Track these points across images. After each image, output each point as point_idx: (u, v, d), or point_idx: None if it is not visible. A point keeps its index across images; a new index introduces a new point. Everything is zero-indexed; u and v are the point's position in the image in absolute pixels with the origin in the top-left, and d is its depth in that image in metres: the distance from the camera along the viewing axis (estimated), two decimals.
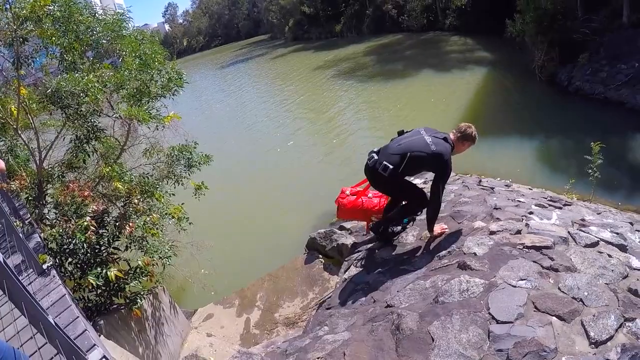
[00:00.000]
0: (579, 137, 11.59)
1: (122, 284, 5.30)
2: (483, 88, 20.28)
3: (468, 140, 4.69)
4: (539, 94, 18.35)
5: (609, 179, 9.51)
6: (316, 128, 19.30)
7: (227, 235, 10.42)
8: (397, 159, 4.46)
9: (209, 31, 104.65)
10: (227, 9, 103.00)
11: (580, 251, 3.80)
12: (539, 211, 5.04)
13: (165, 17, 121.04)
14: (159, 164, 7.82)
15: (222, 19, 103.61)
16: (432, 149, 4.39)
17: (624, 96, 15.79)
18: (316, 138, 17.78)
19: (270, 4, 73.51)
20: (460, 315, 3.25)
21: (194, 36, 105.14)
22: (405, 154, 4.43)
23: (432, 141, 4.46)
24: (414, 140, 4.56)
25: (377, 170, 4.50)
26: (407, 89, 23.04)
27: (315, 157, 15.44)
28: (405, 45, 38.76)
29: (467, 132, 4.66)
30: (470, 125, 4.73)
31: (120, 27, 7.20)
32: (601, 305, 3.10)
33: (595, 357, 2.71)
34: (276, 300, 6.92)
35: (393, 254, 5.00)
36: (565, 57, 19.24)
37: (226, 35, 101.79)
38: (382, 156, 4.58)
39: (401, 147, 4.54)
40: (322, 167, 14.39)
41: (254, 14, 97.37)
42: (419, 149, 4.45)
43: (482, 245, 4.15)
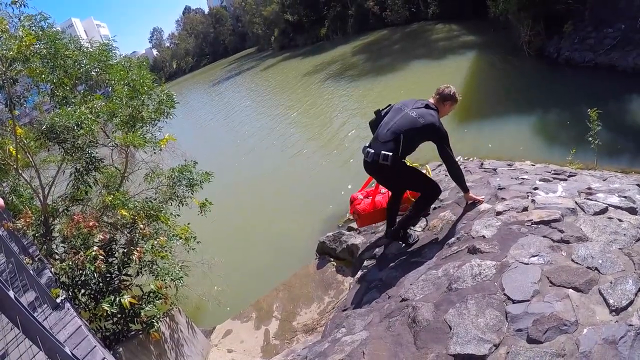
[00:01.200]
0: (575, 106, 11.54)
1: (137, 310, 5.29)
2: (474, 71, 20.25)
3: (447, 100, 4.71)
4: (529, 69, 18.32)
5: (610, 145, 9.49)
6: (313, 133, 19.26)
7: (236, 250, 10.41)
8: (392, 144, 4.40)
9: (196, 51, 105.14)
10: (212, 27, 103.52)
11: (590, 220, 3.76)
12: (543, 186, 5.01)
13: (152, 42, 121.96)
14: (160, 187, 7.90)
15: (208, 38, 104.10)
16: (421, 122, 4.39)
17: (614, 60, 15.72)
18: (314, 143, 17.75)
19: (254, 16, 73.80)
20: (475, 300, 3.24)
21: (183, 57, 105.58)
22: (399, 136, 4.39)
23: (418, 114, 4.46)
24: (400, 119, 4.52)
25: (379, 162, 4.41)
26: (399, 82, 23.02)
27: (315, 162, 15.42)
28: (392, 40, 38.79)
29: (444, 92, 4.70)
30: (448, 85, 4.77)
31: (107, 57, 7.26)
32: (617, 271, 3.06)
33: (618, 324, 2.67)
34: (293, 308, 6.91)
35: (403, 248, 4.99)
36: (551, 29, 19.21)
37: (214, 53, 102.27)
38: (376, 147, 4.51)
39: (391, 130, 4.49)
40: (323, 170, 14.36)
41: (239, 28, 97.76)
42: (409, 126, 4.42)
43: (489, 227, 4.13)
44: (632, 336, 2.56)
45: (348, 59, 36.10)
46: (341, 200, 11.15)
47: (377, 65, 28.82)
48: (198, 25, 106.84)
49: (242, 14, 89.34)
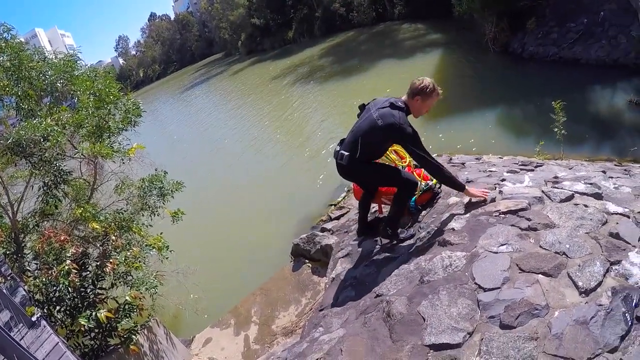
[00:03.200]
0: (541, 99, 11.80)
1: (114, 324, 5.25)
2: (441, 69, 20.53)
3: (417, 94, 4.25)
4: (495, 65, 18.66)
5: (576, 134, 9.75)
6: (283, 136, 19.30)
7: (211, 257, 10.35)
8: (352, 146, 4.33)
9: (163, 58, 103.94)
10: (178, 33, 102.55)
11: (557, 207, 3.87)
12: (511, 177, 5.12)
13: (118, 50, 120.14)
14: (131, 198, 7.81)
15: (174, 44, 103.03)
16: (379, 124, 4.13)
17: (577, 53, 16.19)
18: (285, 146, 17.79)
19: (220, 21, 73.41)
20: (447, 291, 3.31)
21: (149, 65, 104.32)
22: (357, 140, 4.29)
23: (379, 114, 4.19)
24: (363, 121, 4.39)
25: (338, 161, 4.45)
26: (367, 83, 23.22)
27: (286, 165, 15.46)
28: (359, 40, 39.08)
29: (413, 85, 4.28)
30: (421, 78, 4.30)
31: (72, 67, 7.17)
32: (585, 254, 3.16)
33: (587, 305, 2.77)
34: (271, 312, 6.92)
35: (376, 246, 5.06)
36: (516, 25, 19.61)
37: (181, 60, 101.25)
38: (342, 146, 4.49)
39: (353, 132, 4.45)
40: (294, 173, 14.40)
41: (206, 33, 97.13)
42: (366, 128, 4.27)
43: (459, 219, 4.22)
44: (602, 316, 2.65)
45: (316, 61, 36.24)
46: (313, 201, 11.21)
47: (345, 67, 29.02)
48: (164, 32, 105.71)
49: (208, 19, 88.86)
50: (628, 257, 3.05)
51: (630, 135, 10.30)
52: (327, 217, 9.28)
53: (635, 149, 9.09)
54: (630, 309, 2.64)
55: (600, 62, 15.17)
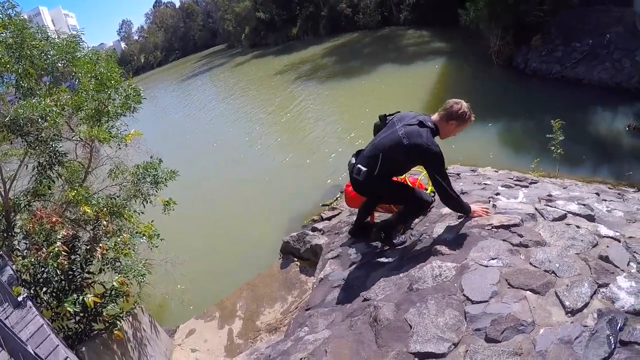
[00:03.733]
0: (541, 116, 11.88)
1: (99, 309, 5.23)
2: (442, 77, 20.62)
3: (453, 119, 4.01)
4: (497, 78, 18.73)
5: (573, 154, 9.84)
6: (280, 134, 19.33)
7: (200, 249, 10.37)
8: (371, 161, 4.09)
9: (165, 45, 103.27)
10: (182, 21, 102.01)
11: (549, 225, 3.89)
12: (505, 191, 5.14)
13: (121, 34, 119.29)
14: (125, 183, 7.78)
15: (177, 32, 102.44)
16: (404, 143, 3.88)
17: (580, 73, 16.30)
18: (281, 143, 17.80)
19: (226, 12, 73.14)
20: (435, 300, 3.33)
21: (151, 52, 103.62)
22: (378, 155, 4.03)
23: (405, 132, 3.91)
24: (387, 135, 4.09)
25: (353, 175, 4.25)
26: (368, 86, 23.28)
27: (281, 162, 15.49)
28: (363, 43, 39.21)
29: (451, 109, 4.00)
30: (458, 102, 4.03)
31: (74, 48, 7.12)
32: (574, 274, 3.18)
33: (573, 325, 2.78)
34: (256, 308, 6.93)
35: (366, 249, 5.06)
36: (521, 40, 19.70)
37: (183, 48, 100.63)
38: (358, 160, 4.25)
39: (374, 146, 4.15)
40: (290, 171, 14.44)
41: (210, 24, 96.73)
42: (390, 145, 3.99)
43: (451, 230, 4.22)
44: (587, 336, 2.67)
45: (319, 60, 36.28)
46: (305, 200, 11.24)
47: (348, 67, 29.08)
48: (168, 19, 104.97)
49: (213, 10, 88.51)
50: (616, 280, 3.07)
51: (626, 159, 10.39)
52: (319, 217, 9.30)
53: (631, 173, 9.16)
54: (614, 332, 2.66)
55: (602, 84, 15.24)
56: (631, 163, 10.08)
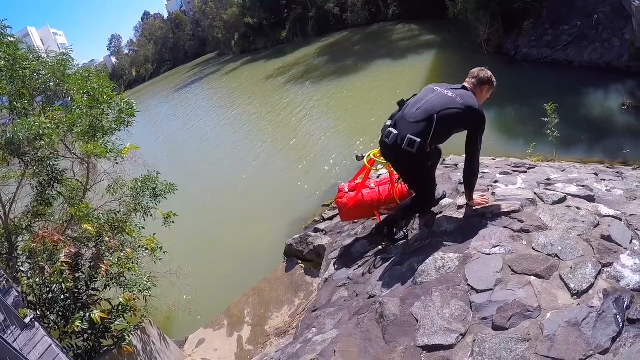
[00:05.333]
0: (534, 101, 11.83)
1: (107, 324, 5.23)
2: (435, 69, 20.65)
3: (485, 83, 4.09)
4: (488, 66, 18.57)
5: (569, 136, 9.85)
6: (277, 137, 19.25)
7: (204, 258, 10.36)
8: (422, 126, 3.75)
9: (156, 57, 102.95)
10: (172, 32, 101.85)
11: (549, 209, 3.91)
12: (503, 178, 5.16)
13: (111, 49, 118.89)
14: (124, 198, 7.77)
15: (167, 44, 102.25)
16: (459, 102, 3.77)
17: (571, 55, 16.36)
18: (278, 147, 17.74)
19: (214, 20, 73.15)
20: (440, 292, 3.34)
21: (142, 65, 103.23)
22: (432, 117, 3.73)
23: (456, 94, 3.84)
24: (434, 98, 3.86)
25: (402, 147, 3.77)
26: (362, 83, 23.31)
27: (279, 166, 15.48)
28: (353, 41, 39.21)
29: (482, 76, 4.08)
30: (482, 69, 4.17)
31: (64, 66, 7.12)
32: (577, 256, 3.20)
33: (579, 307, 2.80)
34: (264, 312, 6.93)
35: (369, 247, 5.07)
36: (509, 27, 19.77)
37: (174, 59, 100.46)
38: (402, 129, 3.84)
39: (422, 110, 3.82)
40: (287, 174, 14.41)
41: (199, 33, 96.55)
42: (445, 106, 3.77)
43: (451, 221, 4.24)
44: (594, 317, 2.69)
45: (310, 61, 36.31)
46: (306, 202, 11.25)
47: (340, 67, 29.12)
48: (157, 31, 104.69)
49: (202, 18, 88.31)
50: (620, 259, 3.09)
51: (622, 137, 10.39)
52: (321, 217, 9.32)
53: (628, 151, 9.16)
54: (621, 311, 2.68)
55: (593, 64, 15.28)
56: (627, 141, 10.08)
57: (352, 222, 6.27)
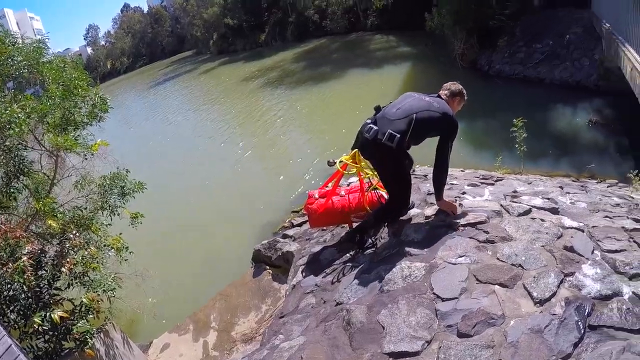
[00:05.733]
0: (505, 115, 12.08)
1: (69, 326, 5.09)
2: (409, 80, 20.98)
3: (457, 95, 4.42)
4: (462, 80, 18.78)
5: (536, 150, 10.17)
6: (249, 141, 19.19)
7: (171, 260, 10.22)
8: (402, 124, 3.94)
9: (132, 51, 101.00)
10: (150, 27, 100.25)
11: (514, 220, 4.04)
12: (471, 190, 5.29)
13: (87, 39, 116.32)
14: (91, 195, 7.60)
15: (145, 38, 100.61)
16: (435, 106, 4.04)
17: (542, 73, 16.91)
18: (250, 151, 17.68)
19: (194, 18, 72.56)
20: (406, 300, 3.39)
21: (118, 57, 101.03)
22: (411, 117, 3.94)
23: (432, 100, 4.12)
24: (413, 102, 4.11)
25: (382, 141, 3.92)
26: (338, 91, 23.56)
27: (250, 169, 15.47)
28: (330, 48, 39.60)
29: (453, 89, 4.41)
30: (455, 82, 4.51)
31: (39, 54, 6.96)
32: (540, 266, 3.32)
33: (542, 314, 2.89)
34: (230, 318, 6.85)
35: (337, 254, 5.10)
36: (484, 43, 20.26)
37: (151, 54, 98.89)
38: (383, 125, 4.00)
39: (402, 110, 4.04)
40: (258, 178, 14.45)
41: (178, 30, 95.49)
42: (423, 108, 4.02)
43: (419, 231, 4.32)
44: (556, 324, 2.77)
45: (287, 66, 36.39)
46: (276, 207, 11.26)
47: (317, 73, 29.30)
48: (136, 25, 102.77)
49: (182, 15, 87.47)
50: (581, 269, 3.21)
51: (588, 153, 10.77)
52: (290, 223, 9.34)
53: (593, 166, 9.47)
54: (582, 318, 2.77)
55: (563, 82, 15.79)
56: (592, 156, 10.46)
57: (321, 229, 6.26)
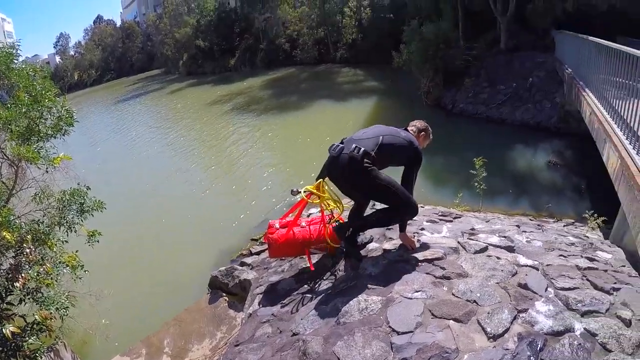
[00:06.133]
0: (466, 153, 12.40)
1: (20, 342, 4.95)
2: (374, 115, 21.41)
3: (422, 131, 4.64)
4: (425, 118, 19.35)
5: (496, 189, 10.50)
6: (211, 166, 19.09)
7: (126, 282, 9.98)
8: (369, 143, 4.07)
9: (101, 64, 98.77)
10: (121, 41, 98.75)
11: (470, 258, 4.21)
12: (430, 226, 5.44)
13: (57, 48, 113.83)
14: (49, 209, 7.42)
15: (115, 52, 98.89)
16: (402, 135, 4.25)
17: (504, 114, 17.60)
18: (212, 176, 17.59)
19: (166, 37, 72.06)
20: (362, 333, 3.44)
21: (86, 69, 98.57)
22: (378, 138, 4.11)
23: (398, 130, 4.33)
24: (382, 128, 4.32)
25: (349, 155, 3.98)
26: (303, 121, 23.84)
27: (212, 194, 15.36)
28: (299, 78, 40.06)
29: (419, 125, 4.65)
30: (421, 120, 4.77)
31: (10, 59, 6.85)
32: (494, 302, 3.46)
33: (495, 349, 2.99)
34: (184, 344, 6.75)
35: (295, 284, 5.13)
36: (449, 82, 20.87)
37: (119, 69, 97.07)
38: (349, 144, 4.08)
39: (370, 133, 4.23)
40: (219, 203, 14.36)
41: (148, 47, 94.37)
42: (391, 134, 4.21)
43: (377, 265, 4.41)
44: (509, 359, 2.89)
45: (255, 92, 36.53)
46: (235, 234, 11.25)
47: (283, 102, 29.58)
48: (107, 38, 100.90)
49: (154, 33, 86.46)
50: (535, 306, 3.37)
51: (546, 192, 11.23)
52: (248, 251, 9.36)
53: (550, 205, 9.82)
54: (535, 353, 2.90)
55: (524, 123, 16.51)
56: (551, 196, 10.84)
57: (279, 259, 6.20)
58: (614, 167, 6.59)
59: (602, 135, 7.71)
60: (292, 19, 50.38)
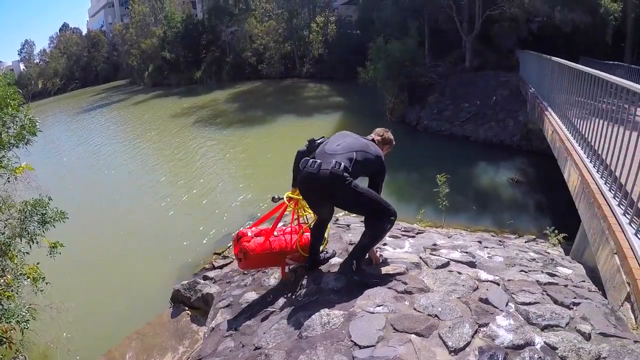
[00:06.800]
0: (430, 170, 12.68)
1: None
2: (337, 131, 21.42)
3: (387, 143, 4.71)
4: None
5: (458, 205, 10.74)
6: (174, 178, 18.99)
7: (88, 295, 9.80)
8: (344, 157, 4.02)
9: (66, 73, 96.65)
10: (87, 50, 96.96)
11: (432, 273, 4.32)
12: (392, 242, 5.58)
13: (21, 55, 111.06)
14: (10, 220, 7.30)
15: (80, 61, 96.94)
16: (372, 149, 4.25)
17: (468, 131, 18.04)
18: (174, 189, 17.45)
19: (132, 47, 71.19)
20: (324, 347, 3.47)
21: (50, 78, 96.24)
22: (352, 152, 4.08)
23: (368, 142, 4.35)
24: (352, 140, 4.28)
25: (330, 171, 3.90)
26: (267, 135, 24.00)
27: (174, 207, 15.23)
28: (264, 92, 40.26)
29: (385, 136, 4.68)
30: (387, 130, 4.78)
31: None
32: (455, 317, 3.54)
33: None
34: (147, 358, 6.67)
35: (257, 298, 5.19)
36: (414, 99, 21.27)
37: (84, 79, 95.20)
38: (326, 159, 4.02)
39: (342, 146, 4.15)
40: (181, 216, 14.26)
41: (114, 57, 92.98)
42: (362, 148, 4.18)
43: (339, 280, 4.47)
44: None
45: (220, 105, 36.56)
46: (197, 248, 11.27)
47: (248, 116, 29.66)
48: (72, 46, 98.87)
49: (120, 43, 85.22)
50: (495, 320, 3.48)
51: (508, 209, 11.53)
52: (211, 265, 9.37)
53: (512, 222, 10.07)
54: None
55: (487, 141, 16.96)
56: (513, 212, 11.14)
57: (242, 272, 6.21)
58: (575, 185, 6.81)
59: (564, 154, 7.93)
60: (259, 33, 50.59)
